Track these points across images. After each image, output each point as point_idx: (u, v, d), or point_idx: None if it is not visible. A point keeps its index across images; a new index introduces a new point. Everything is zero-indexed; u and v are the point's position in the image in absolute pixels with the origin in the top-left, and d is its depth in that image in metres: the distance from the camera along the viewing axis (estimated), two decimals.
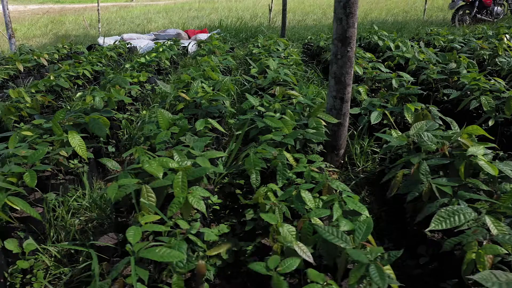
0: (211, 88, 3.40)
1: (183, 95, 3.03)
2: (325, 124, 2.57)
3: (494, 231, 1.53)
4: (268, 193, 1.85)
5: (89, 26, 13.36)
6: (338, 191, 1.92)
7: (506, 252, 1.39)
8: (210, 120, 2.56)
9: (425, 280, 1.78)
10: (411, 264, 1.89)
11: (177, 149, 2.06)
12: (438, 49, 5.52)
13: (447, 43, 5.56)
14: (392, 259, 1.34)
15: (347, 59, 2.57)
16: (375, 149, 2.90)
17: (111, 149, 2.97)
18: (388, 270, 1.42)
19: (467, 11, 9.71)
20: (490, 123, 2.82)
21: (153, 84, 4.35)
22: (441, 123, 2.66)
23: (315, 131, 2.37)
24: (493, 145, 2.16)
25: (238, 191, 2.29)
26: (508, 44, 4.68)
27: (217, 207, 2.13)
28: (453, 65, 3.78)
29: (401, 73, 3.62)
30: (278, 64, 4.38)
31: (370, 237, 1.61)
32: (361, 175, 2.63)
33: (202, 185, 2.31)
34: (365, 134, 2.96)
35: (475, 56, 4.65)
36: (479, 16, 9.62)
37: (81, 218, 2.17)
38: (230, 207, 2.27)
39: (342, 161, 2.84)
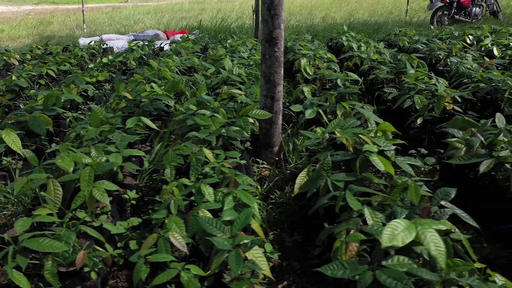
0: (162, 87, 3.48)
1: (127, 94, 3.11)
2: (252, 122, 2.66)
3: (370, 222, 1.61)
4: (173, 188, 1.93)
5: (76, 27, 13.42)
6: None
7: (365, 238, 1.47)
8: (143, 118, 2.64)
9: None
10: (311, 255, 1.98)
11: (95, 146, 2.14)
12: (398, 49, 5.61)
13: (411, 43, 5.65)
14: (252, 246, 1.42)
15: (275, 59, 2.65)
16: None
17: (55, 147, 3.04)
18: (260, 258, 1.50)
19: (446, 12, 9.81)
20: (419, 121, 2.90)
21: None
22: (380, 120, 2.72)
23: (237, 128, 2.46)
24: (401, 141, 2.25)
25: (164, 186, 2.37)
26: (463, 45, 4.78)
27: (134, 202, 2.20)
28: (401, 65, 3.87)
29: (349, 73, 3.70)
30: (238, 64, 4.47)
31: (258, 228, 1.70)
32: (288, 171, 2.71)
33: (128, 180, 2.40)
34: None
35: (433, 57, 4.74)
36: (457, 17, 9.71)
37: (5, 212, 2.25)
38: (153, 202, 2.35)
39: (277, 158, 2.93)
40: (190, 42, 6.32)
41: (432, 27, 9.24)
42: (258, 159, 2.86)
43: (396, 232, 1.34)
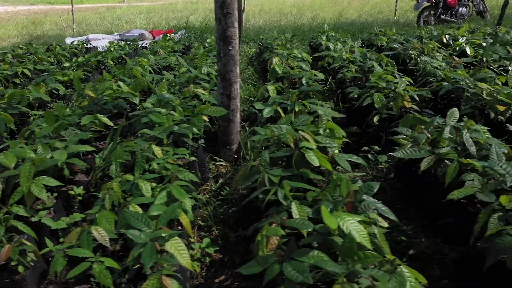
0: (130, 86, 3.51)
1: (89, 92, 3.13)
2: (207, 119, 2.68)
3: (295, 216, 1.64)
4: (114, 184, 1.96)
5: (67, 27, 13.43)
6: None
7: (284, 233, 1.49)
8: (99, 116, 2.67)
9: None
10: (251, 250, 2.00)
11: (42, 142, 2.16)
12: (376, 49, 5.65)
13: (389, 43, 5.68)
14: (169, 239, 1.44)
15: (230, 57, 2.68)
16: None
17: (7, 143, 3.07)
18: (182, 250, 1.52)
19: (432, 12, 9.85)
20: (375, 119, 2.93)
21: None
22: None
23: (188, 126, 2.48)
24: (345, 139, 2.28)
25: None
26: (441, 45, 4.81)
27: (80, 198, 2.22)
28: (369, 64, 3.90)
29: (315, 72, 3.73)
30: (211, 63, 4.49)
31: (186, 223, 1.73)
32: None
33: (79, 176, 2.42)
34: None
35: (405, 56, 4.77)
36: (443, 17, 9.75)
37: None
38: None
39: (236, 156, 2.95)
40: (171, 42, 6.35)
41: (421, 26, 9.27)
42: (216, 157, 2.89)
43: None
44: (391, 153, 2.33)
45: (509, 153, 2.10)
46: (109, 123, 2.67)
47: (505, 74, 3.88)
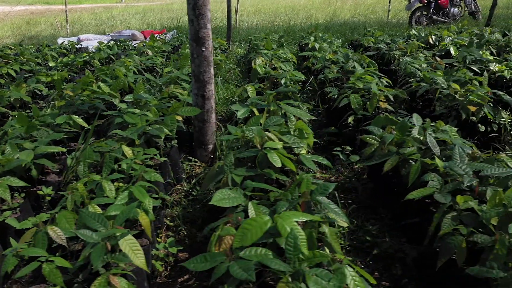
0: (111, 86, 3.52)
1: (68, 92, 3.15)
2: (180, 119, 2.70)
3: (252, 215, 1.66)
4: (78, 184, 1.97)
5: (61, 27, 13.44)
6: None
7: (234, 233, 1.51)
8: (73, 116, 2.68)
9: None
10: None
11: (10, 143, 2.18)
12: (363, 49, 5.67)
13: (375, 43, 5.70)
14: (120, 238, 1.46)
15: (203, 58, 2.70)
16: None
17: None
18: (136, 250, 1.54)
19: (424, 13, 9.87)
20: (350, 119, 2.95)
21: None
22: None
23: (159, 126, 2.50)
24: (315, 139, 2.30)
25: None
26: (421, 45, 4.83)
27: (49, 198, 2.23)
28: (350, 64, 3.92)
29: (295, 72, 3.75)
30: None
31: (146, 224, 1.74)
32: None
33: (51, 176, 2.44)
34: None
35: (389, 56, 4.79)
36: (435, 17, 9.77)
37: None
38: None
39: (212, 156, 2.97)
40: (159, 42, 6.36)
41: (413, 26, 9.29)
42: (191, 158, 2.90)
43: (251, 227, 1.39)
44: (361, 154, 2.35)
45: (473, 153, 2.11)
46: (83, 123, 2.69)
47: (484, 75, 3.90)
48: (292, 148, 2.15)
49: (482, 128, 2.78)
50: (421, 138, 2.26)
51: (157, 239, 2.12)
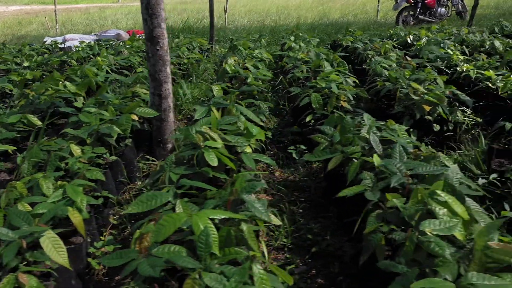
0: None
1: (29, 91, 3.15)
2: (136, 119, 2.71)
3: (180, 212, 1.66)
4: (18, 182, 1.98)
5: (51, 27, 13.44)
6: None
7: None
8: (28, 115, 2.69)
9: None
10: None
11: None
12: (342, 49, 5.68)
13: (354, 43, 5.71)
14: (37, 237, 1.47)
15: (158, 57, 2.70)
16: None
17: None
18: (59, 248, 1.55)
19: (411, 12, 9.88)
20: (308, 118, 2.96)
21: None
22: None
23: (110, 125, 2.50)
24: (261, 137, 2.31)
25: None
26: (394, 45, 4.84)
27: None
28: (320, 63, 3.93)
29: (264, 71, 3.76)
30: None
31: (78, 223, 1.75)
32: None
33: (2, 175, 2.44)
34: None
35: (364, 56, 4.80)
36: (421, 17, 9.79)
37: None
38: None
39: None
40: (140, 41, 6.37)
41: (400, 26, 9.30)
42: (149, 156, 2.91)
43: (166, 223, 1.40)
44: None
45: (415, 152, 2.12)
46: (38, 122, 2.69)
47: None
48: (235, 147, 2.15)
49: (437, 127, 2.78)
50: (368, 136, 2.27)
51: (101, 237, 2.13)
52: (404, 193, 1.79)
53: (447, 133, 2.82)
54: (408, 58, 4.20)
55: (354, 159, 2.14)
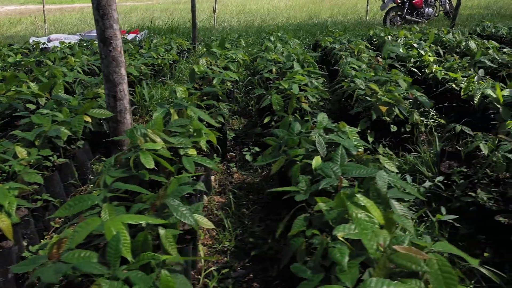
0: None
1: None
2: (89, 120, 2.69)
3: (104, 217, 1.64)
4: None
5: (41, 27, 13.41)
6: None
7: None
8: None
9: None
10: None
11: None
12: (321, 50, 5.67)
13: (332, 43, 5.70)
14: None
15: (111, 59, 2.68)
16: None
17: None
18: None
19: (399, 12, 9.87)
20: (266, 120, 2.94)
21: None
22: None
23: (58, 127, 2.48)
24: (211, 139, 2.29)
25: None
26: (366, 45, 4.83)
27: None
28: (289, 64, 3.91)
29: (230, 72, 3.74)
30: (140, 63, 4.50)
31: (6, 227, 1.72)
32: None
33: None
34: None
35: (338, 57, 4.79)
36: (409, 17, 9.78)
37: None
38: None
39: None
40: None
41: (388, 26, 9.29)
42: (104, 158, 2.89)
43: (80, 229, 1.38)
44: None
45: (359, 154, 2.11)
46: None
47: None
48: (178, 148, 2.14)
49: (394, 128, 2.77)
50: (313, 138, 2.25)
51: (42, 241, 2.10)
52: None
53: (404, 135, 2.81)
54: (379, 59, 4.19)
55: (298, 162, 2.12)
